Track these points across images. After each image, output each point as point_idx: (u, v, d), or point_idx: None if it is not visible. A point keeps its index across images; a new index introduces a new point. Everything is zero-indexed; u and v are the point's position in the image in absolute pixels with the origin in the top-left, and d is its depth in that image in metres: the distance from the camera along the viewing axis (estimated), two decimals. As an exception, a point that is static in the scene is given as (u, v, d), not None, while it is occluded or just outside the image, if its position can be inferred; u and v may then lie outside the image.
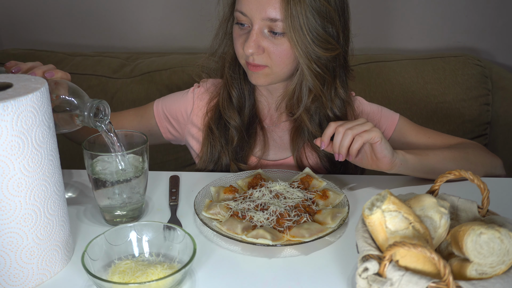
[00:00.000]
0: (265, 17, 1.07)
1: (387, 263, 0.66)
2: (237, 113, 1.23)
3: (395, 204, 0.69)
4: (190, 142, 1.31)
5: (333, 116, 1.19)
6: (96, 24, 2.06)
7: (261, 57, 1.10)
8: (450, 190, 0.88)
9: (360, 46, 1.23)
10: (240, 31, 1.12)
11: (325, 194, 1.03)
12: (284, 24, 1.06)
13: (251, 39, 1.08)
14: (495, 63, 1.97)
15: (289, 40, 1.08)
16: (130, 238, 0.87)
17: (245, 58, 1.13)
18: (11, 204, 0.76)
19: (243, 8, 1.09)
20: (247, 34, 1.10)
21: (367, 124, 1.02)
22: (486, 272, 0.66)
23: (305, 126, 1.20)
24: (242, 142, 1.23)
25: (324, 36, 1.09)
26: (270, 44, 1.09)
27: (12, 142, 0.73)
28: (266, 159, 1.25)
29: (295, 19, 1.05)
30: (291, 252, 0.90)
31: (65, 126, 0.97)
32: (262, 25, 1.08)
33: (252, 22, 1.08)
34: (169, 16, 2.03)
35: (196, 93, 1.29)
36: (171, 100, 1.31)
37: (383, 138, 1.01)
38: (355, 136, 1.01)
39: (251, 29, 1.09)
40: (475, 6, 1.95)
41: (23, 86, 0.78)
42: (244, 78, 1.23)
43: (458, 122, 1.77)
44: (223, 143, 1.23)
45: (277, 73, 1.13)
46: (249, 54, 1.09)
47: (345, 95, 1.19)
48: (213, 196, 1.05)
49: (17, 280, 0.80)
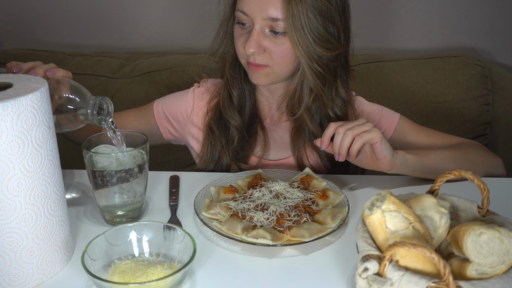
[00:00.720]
0: (267, 17, 1.07)
1: (387, 263, 0.66)
2: (237, 112, 1.23)
3: (395, 204, 0.69)
4: (191, 142, 1.30)
5: (334, 115, 1.19)
6: (96, 24, 2.06)
7: (262, 56, 1.10)
8: (450, 190, 0.88)
9: (360, 46, 1.23)
10: (241, 30, 1.12)
11: (325, 194, 1.03)
12: (285, 23, 1.06)
13: (252, 38, 1.08)
14: (495, 63, 1.97)
15: (290, 39, 1.08)
16: (130, 238, 0.87)
17: (246, 57, 1.13)
18: (11, 204, 0.76)
19: (244, 7, 1.09)
20: (248, 34, 1.10)
21: (367, 125, 1.02)
22: (486, 272, 0.66)
23: (306, 126, 1.20)
24: (242, 142, 1.23)
25: (325, 36, 1.09)
26: (271, 43, 1.09)
27: (12, 142, 0.73)
28: (267, 159, 1.25)
29: (296, 18, 1.05)
30: (291, 252, 0.90)
31: (68, 124, 0.97)
32: (263, 24, 1.08)
33: (253, 22, 1.08)
34: (169, 16, 2.03)
35: (197, 93, 1.29)
36: (171, 100, 1.31)
37: (383, 138, 1.01)
38: (355, 136, 1.01)
39: (252, 28, 1.09)
40: (475, 6, 1.95)
41: (23, 86, 0.78)
42: (245, 78, 1.23)
43: (458, 122, 1.77)
44: (224, 143, 1.23)
45: (278, 72, 1.13)
46: (250, 53, 1.09)
47: (346, 94, 1.20)
48: (213, 196, 1.05)
49: (17, 280, 0.80)
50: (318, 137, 1.14)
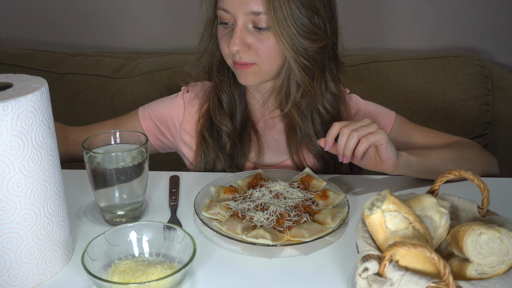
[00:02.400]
0: (248, 11, 1.05)
1: (387, 263, 0.66)
2: (228, 118, 1.20)
3: (395, 204, 0.69)
4: (183, 150, 1.27)
5: (325, 112, 1.17)
6: (96, 24, 2.06)
7: (248, 54, 1.08)
8: (450, 190, 0.88)
9: (360, 46, 1.22)
10: (225, 30, 1.10)
11: (325, 194, 1.03)
12: (268, 16, 1.04)
13: (235, 35, 1.06)
14: (495, 63, 1.97)
15: (274, 33, 1.06)
16: (130, 238, 0.87)
17: (231, 57, 1.10)
18: (11, 204, 0.76)
19: (225, 5, 1.07)
20: (231, 32, 1.08)
21: (372, 126, 0.99)
22: (486, 272, 0.66)
23: (296, 124, 1.17)
24: (235, 148, 1.20)
25: (310, 27, 1.07)
26: (255, 40, 1.07)
27: (12, 142, 0.73)
28: (262, 164, 1.23)
29: (278, 10, 1.03)
30: (291, 252, 0.90)
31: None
32: (245, 20, 1.06)
33: (235, 18, 1.07)
34: (169, 16, 2.03)
35: (187, 98, 1.26)
36: (159, 106, 1.27)
37: (388, 140, 0.99)
38: (361, 138, 0.98)
39: (235, 26, 1.07)
40: (475, 6, 1.95)
41: (23, 86, 0.78)
42: (234, 82, 1.20)
43: (458, 122, 1.77)
44: (217, 150, 1.20)
45: (266, 70, 1.11)
46: (234, 51, 1.07)
47: (336, 89, 1.17)
48: (213, 196, 1.05)
49: (17, 280, 0.80)
50: (311, 136, 1.12)
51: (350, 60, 1.77)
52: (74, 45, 2.08)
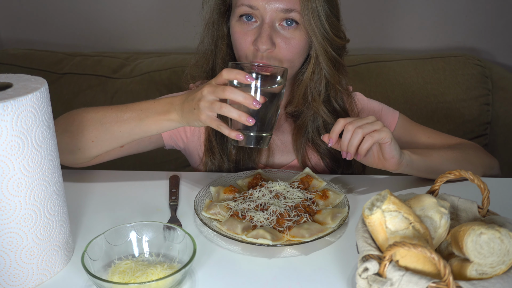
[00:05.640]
0: (279, 9, 1.03)
1: (387, 263, 0.66)
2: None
3: (395, 204, 0.69)
4: (192, 151, 1.25)
5: (339, 107, 1.18)
6: (96, 24, 2.06)
7: (271, 55, 1.05)
8: (450, 190, 0.88)
9: (360, 46, 1.23)
10: (247, 26, 1.06)
11: (325, 194, 1.03)
12: (301, 13, 1.04)
13: (264, 33, 1.03)
14: (495, 63, 1.97)
15: (306, 29, 1.05)
16: (130, 238, 0.87)
17: (252, 57, 1.07)
18: (11, 204, 0.76)
19: (252, 1, 1.04)
20: (256, 30, 1.05)
21: (377, 123, 0.99)
22: (486, 272, 0.66)
23: (305, 123, 1.17)
24: (241, 153, 1.18)
25: (336, 24, 1.09)
26: (282, 39, 1.05)
27: (12, 142, 0.73)
28: (272, 166, 1.22)
29: (313, 5, 1.03)
30: (291, 252, 0.90)
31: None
32: (274, 17, 1.04)
33: (263, 16, 1.04)
34: (168, 16, 2.03)
35: None
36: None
37: (393, 139, 0.99)
38: (365, 135, 0.98)
39: (260, 23, 1.05)
40: (475, 6, 1.95)
41: (23, 86, 0.78)
42: None
43: (458, 122, 1.77)
44: (223, 155, 1.19)
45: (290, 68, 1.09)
46: (263, 50, 1.04)
47: (345, 86, 1.19)
48: (213, 196, 1.05)
49: (17, 280, 0.80)
50: (314, 138, 1.12)
51: (350, 60, 1.77)
52: (74, 45, 2.08)
